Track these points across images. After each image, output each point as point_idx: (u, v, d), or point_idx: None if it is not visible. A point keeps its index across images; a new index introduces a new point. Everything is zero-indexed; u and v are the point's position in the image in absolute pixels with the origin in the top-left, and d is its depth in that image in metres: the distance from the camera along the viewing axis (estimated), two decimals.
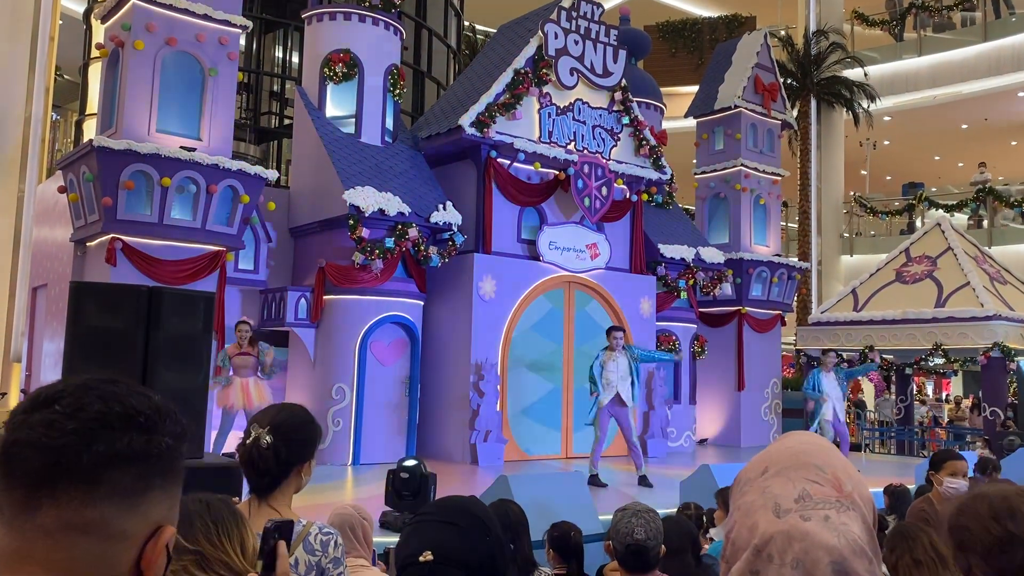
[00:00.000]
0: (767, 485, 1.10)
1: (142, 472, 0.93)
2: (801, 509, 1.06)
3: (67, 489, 0.89)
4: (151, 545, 0.94)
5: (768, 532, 1.05)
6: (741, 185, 15.73)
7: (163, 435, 0.96)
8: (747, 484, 1.14)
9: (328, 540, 2.30)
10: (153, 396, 0.98)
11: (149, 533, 0.94)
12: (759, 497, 1.10)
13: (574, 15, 12.52)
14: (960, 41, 22.11)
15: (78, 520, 0.89)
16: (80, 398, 0.92)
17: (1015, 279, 15.39)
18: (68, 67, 18.31)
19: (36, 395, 0.94)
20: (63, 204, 10.34)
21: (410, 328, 11.28)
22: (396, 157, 11.93)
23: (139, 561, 0.93)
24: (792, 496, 1.07)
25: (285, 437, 2.32)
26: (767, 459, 1.15)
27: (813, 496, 1.07)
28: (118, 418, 0.92)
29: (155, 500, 0.95)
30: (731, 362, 15.43)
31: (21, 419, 0.92)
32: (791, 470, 1.11)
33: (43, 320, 11.39)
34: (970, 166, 23.86)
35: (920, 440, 15.96)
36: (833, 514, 1.05)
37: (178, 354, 5.98)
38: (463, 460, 10.99)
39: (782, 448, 1.16)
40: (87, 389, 0.94)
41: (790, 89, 21.02)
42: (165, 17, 9.66)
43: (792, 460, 1.12)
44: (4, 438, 0.92)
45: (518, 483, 5.49)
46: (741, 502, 1.12)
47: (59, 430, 0.90)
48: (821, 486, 1.08)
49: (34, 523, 0.89)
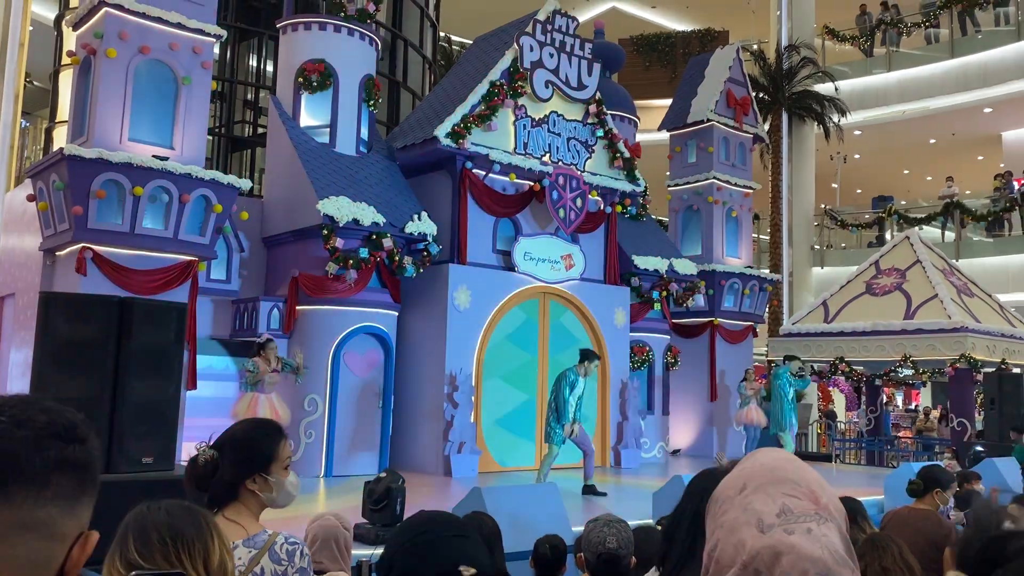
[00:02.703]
0: (748, 502, 1.12)
1: (80, 479, 1.01)
2: (784, 523, 1.08)
3: (19, 491, 0.95)
4: (78, 548, 1.00)
5: (755, 547, 1.07)
6: (713, 198, 15.88)
7: (93, 448, 1.04)
8: (727, 502, 1.16)
9: (294, 549, 2.30)
10: (78, 413, 1.05)
11: (76, 536, 1.00)
12: (741, 514, 1.11)
13: (549, 28, 12.60)
14: (928, 57, 22.48)
15: (29, 519, 0.95)
16: (24, 410, 0.99)
17: (981, 292, 15.64)
18: (38, 73, 18.11)
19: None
20: (32, 212, 10.21)
21: (384, 339, 11.25)
22: (371, 167, 11.92)
23: (63, 563, 0.99)
24: (774, 511, 1.09)
25: (226, 454, 2.33)
26: (743, 476, 1.17)
27: (794, 510, 1.09)
28: (63, 428, 1.00)
29: (86, 506, 1.02)
30: (704, 373, 15.53)
31: None
32: (769, 486, 1.13)
33: (11, 330, 11.23)
34: (938, 180, 24.24)
35: (890, 450, 16.13)
36: (814, 526, 1.08)
37: (150, 365, 5.93)
38: (436, 472, 10.95)
39: (756, 465, 1.18)
40: (27, 403, 1.01)
41: (762, 103, 21.25)
42: (138, 25, 9.59)
43: (769, 476, 1.15)
44: None
45: (492, 495, 5.49)
46: (723, 520, 1.14)
47: (10, 437, 0.96)
48: (799, 500, 1.11)
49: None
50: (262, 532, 2.30)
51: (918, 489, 4.54)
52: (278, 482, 2.38)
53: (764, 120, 20.72)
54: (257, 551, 2.25)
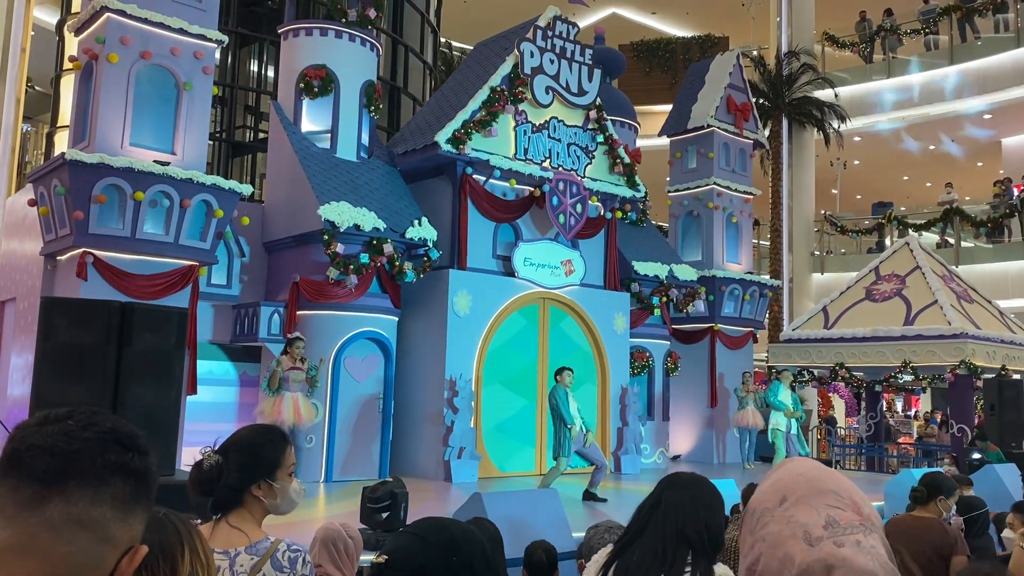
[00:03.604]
0: (791, 514, 1.10)
1: (136, 488, 1.03)
2: (832, 536, 1.06)
3: (77, 487, 0.98)
4: (127, 560, 1.01)
5: (805, 561, 1.05)
6: (714, 203, 15.89)
7: (152, 463, 1.07)
8: (766, 514, 1.13)
9: (296, 557, 2.30)
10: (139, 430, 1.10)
11: (127, 548, 1.02)
12: (785, 527, 1.09)
13: (550, 34, 12.63)
14: (927, 64, 22.53)
15: (84, 516, 0.98)
16: (91, 417, 1.04)
17: (981, 298, 15.65)
18: (40, 78, 18.15)
19: (46, 414, 1.04)
20: (33, 217, 10.22)
21: (384, 344, 11.25)
22: (371, 173, 11.93)
23: (112, 573, 1.01)
24: (820, 523, 1.08)
25: (231, 459, 2.33)
26: (782, 488, 1.15)
27: (840, 522, 1.08)
28: (126, 437, 1.04)
29: (139, 517, 1.04)
30: (704, 378, 15.53)
31: (35, 429, 1.01)
32: (811, 497, 1.11)
33: (11, 334, 11.23)
34: (937, 186, 24.26)
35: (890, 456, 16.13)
36: (862, 538, 1.06)
37: (150, 370, 5.94)
38: (436, 477, 10.95)
39: (794, 476, 1.16)
40: (95, 412, 1.06)
41: (762, 109, 21.29)
42: (140, 31, 9.61)
43: (809, 487, 1.13)
44: (16, 444, 1.01)
45: (492, 501, 5.49)
46: (764, 533, 1.11)
47: (75, 438, 1.00)
48: (844, 511, 1.09)
49: (40, 517, 0.96)
50: (265, 539, 2.30)
51: (922, 496, 4.53)
52: (283, 488, 2.37)
53: (764, 126, 20.76)
54: (259, 558, 2.25)
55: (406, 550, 1.54)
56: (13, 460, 0.99)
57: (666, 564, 2.33)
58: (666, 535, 2.37)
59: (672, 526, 2.38)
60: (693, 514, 2.41)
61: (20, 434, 1.01)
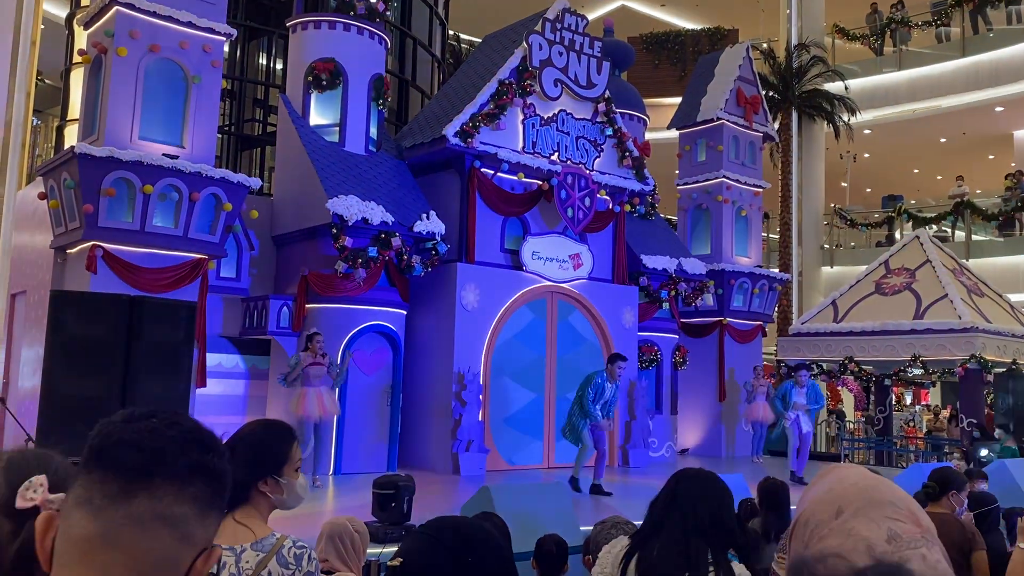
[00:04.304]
0: (850, 527, 1.05)
1: (216, 489, 1.06)
2: (897, 550, 1.01)
3: (163, 484, 1.00)
4: (202, 560, 1.03)
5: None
6: (723, 197, 15.84)
7: (227, 467, 1.10)
8: (822, 527, 1.08)
9: (302, 553, 2.30)
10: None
11: (201, 549, 1.03)
12: (846, 540, 1.04)
13: (558, 27, 12.59)
14: (939, 56, 22.38)
15: (168, 513, 0.99)
16: (174, 416, 1.07)
17: (992, 292, 15.56)
18: (49, 72, 18.18)
19: (130, 411, 1.06)
20: (43, 210, 10.25)
21: (392, 337, 11.26)
22: (380, 166, 11.93)
23: (187, 573, 1.02)
24: (882, 537, 1.03)
25: (237, 455, 2.32)
26: (836, 499, 1.10)
27: (902, 535, 1.03)
28: (207, 438, 1.07)
29: (214, 520, 1.06)
30: (712, 372, 15.50)
31: (121, 426, 1.03)
32: (869, 509, 1.06)
33: (22, 327, 11.29)
34: (948, 179, 24.12)
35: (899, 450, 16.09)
36: (927, 552, 1.02)
37: (160, 363, 5.96)
38: (445, 470, 10.97)
39: (847, 486, 1.11)
40: (176, 412, 1.09)
41: (771, 102, 21.19)
42: (149, 24, 9.62)
43: (865, 499, 1.08)
44: (102, 439, 1.02)
45: (500, 494, 5.50)
46: (822, 547, 1.06)
47: (161, 436, 1.02)
48: (904, 523, 1.04)
49: (127, 511, 0.98)
50: (270, 535, 2.30)
51: (933, 492, 4.50)
52: (289, 484, 2.38)
53: (774, 119, 20.66)
54: (265, 554, 2.25)
55: (420, 552, 1.54)
56: (100, 454, 1.01)
57: (690, 562, 2.38)
58: (686, 530, 2.43)
59: (691, 521, 2.43)
60: (706, 509, 2.46)
61: (105, 429, 1.03)
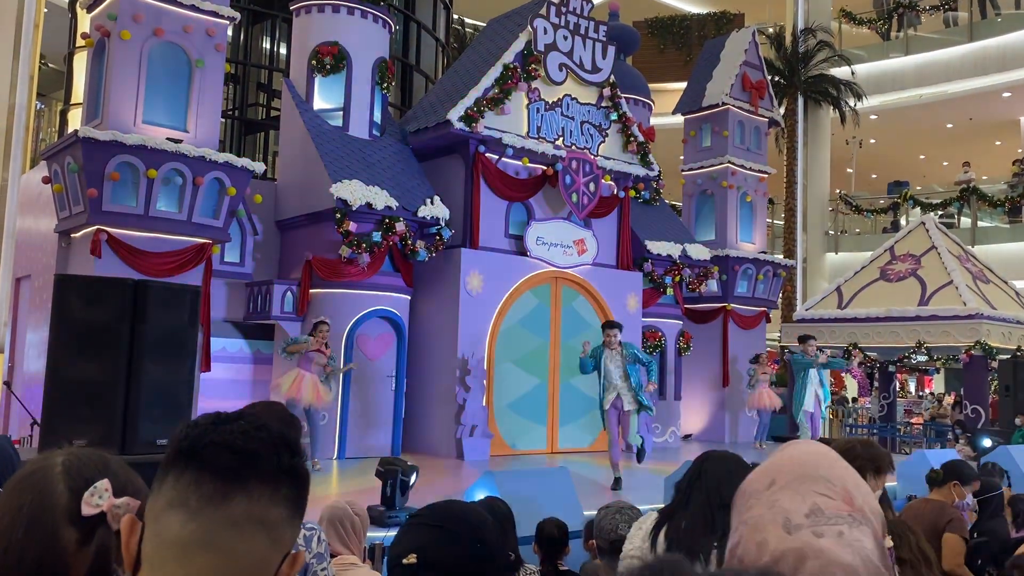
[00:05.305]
0: (776, 499, 1.04)
1: (301, 492, 1.05)
2: (813, 525, 0.99)
3: (257, 487, 0.99)
4: (288, 564, 1.01)
5: (779, 549, 0.99)
6: (728, 182, 15.78)
7: (309, 472, 1.09)
8: (753, 497, 1.08)
9: (311, 535, 2.30)
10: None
11: (287, 551, 1.02)
12: (767, 511, 1.03)
13: (563, 10, 12.51)
14: (946, 41, 22.24)
15: (264, 515, 0.99)
16: (261, 419, 1.06)
17: (997, 278, 15.52)
18: (53, 56, 18.14)
19: (216, 414, 1.06)
20: (47, 194, 10.26)
21: (396, 322, 11.27)
22: (384, 151, 11.90)
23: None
24: (803, 511, 1.01)
25: None
26: (773, 471, 1.09)
27: (825, 511, 1.01)
28: (293, 442, 1.06)
29: (298, 523, 1.05)
30: (716, 358, 15.50)
31: (210, 428, 1.02)
32: (800, 482, 1.04)
33: (26, 311, 11.32)
34: (955, 165, 24.03)
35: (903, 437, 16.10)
36: (846, 529, 0.99)
37: (164, 347, 5.96)
38: (449, 455, 11.00)
39: (787, 459, 1.10)
40: (260, 416, 1.07)
41: (777, 87, 21.09)
42: (152, 7, 9.58)
43: (800, 472, 1.06)
44: (194, 441, 1.01)
45: (503, 479, 5.50)
46: (747, 516, 1.06)
47: (252, 438, 1.01)
48: (832, 500, 1.02)
49: (224, 513, 0.97)
50: None
51: (937, 478, 4.50)
52: None
53: (779, 104, 20.59)
54: None
55: (433, 547, 1.52)
56: (192, 455, 1.00)
57: (716, 533, 2.43)
58: (711, 504, 2.49)
59: (716, 496, 2.48)
60: (731, 486, 2.47)
61: (194, 432, 1.02)
